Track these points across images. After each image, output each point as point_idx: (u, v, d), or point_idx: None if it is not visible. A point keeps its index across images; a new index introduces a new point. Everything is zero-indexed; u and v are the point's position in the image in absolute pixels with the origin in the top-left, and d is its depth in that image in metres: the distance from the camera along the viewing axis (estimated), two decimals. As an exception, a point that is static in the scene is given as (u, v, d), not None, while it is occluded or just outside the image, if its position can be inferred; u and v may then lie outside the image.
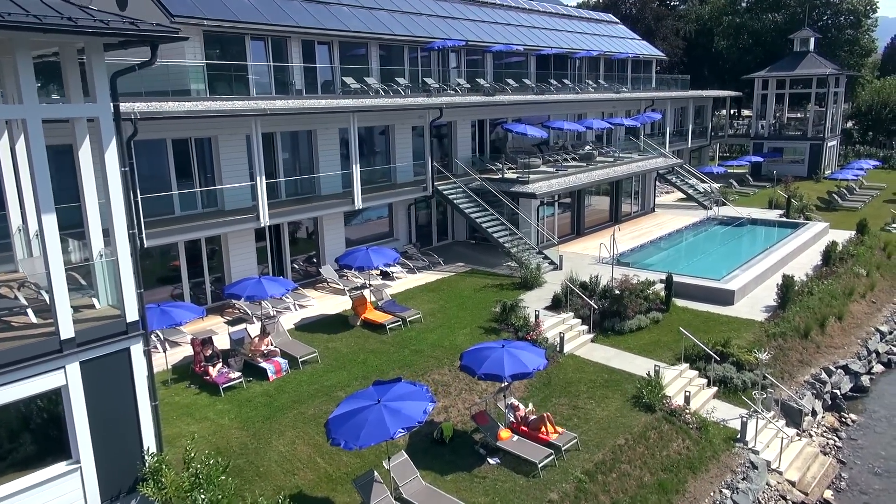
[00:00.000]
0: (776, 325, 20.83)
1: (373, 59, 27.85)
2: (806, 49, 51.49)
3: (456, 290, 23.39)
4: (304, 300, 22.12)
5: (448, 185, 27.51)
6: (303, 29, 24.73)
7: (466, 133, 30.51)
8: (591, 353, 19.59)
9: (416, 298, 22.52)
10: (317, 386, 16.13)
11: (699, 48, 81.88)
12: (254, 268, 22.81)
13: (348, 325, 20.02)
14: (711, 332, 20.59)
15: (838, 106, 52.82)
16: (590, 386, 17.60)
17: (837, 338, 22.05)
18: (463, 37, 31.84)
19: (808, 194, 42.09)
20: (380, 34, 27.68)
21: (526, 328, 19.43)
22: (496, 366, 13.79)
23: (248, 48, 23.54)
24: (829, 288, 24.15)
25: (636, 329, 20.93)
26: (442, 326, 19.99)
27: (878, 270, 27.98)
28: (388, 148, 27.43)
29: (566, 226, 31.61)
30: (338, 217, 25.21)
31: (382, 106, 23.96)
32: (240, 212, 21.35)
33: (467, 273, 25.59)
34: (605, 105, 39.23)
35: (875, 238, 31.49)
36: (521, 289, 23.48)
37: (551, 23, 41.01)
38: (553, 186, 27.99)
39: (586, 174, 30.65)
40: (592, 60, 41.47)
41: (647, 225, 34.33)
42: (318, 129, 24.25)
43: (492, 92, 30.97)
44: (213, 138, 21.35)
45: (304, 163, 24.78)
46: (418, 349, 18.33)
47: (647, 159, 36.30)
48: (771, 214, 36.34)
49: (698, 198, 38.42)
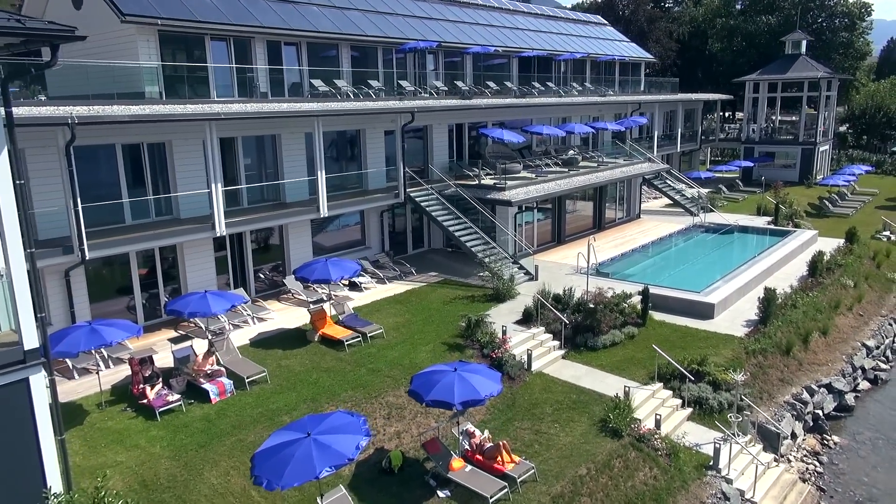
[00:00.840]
0: (756, 342, 19.86)
1: (344, 61, 26.86)
2: (798, 52, 50.58)
3: (425, 303, 22.40)
4: (264, 313, 21.11)
5: (421, 191, 26.53)
6: (267, 29, 23.74)
7: (443, 137, 29.54)
8: (560, 371, 18.61)
9: (381, 311, 21.53)
10: (261, 409, 15.12)
11: (693, 50, 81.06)
12: (213, 279, 21.81)
13: (306, 341, 19.02)
14: (689, 348, 19.63)
15: (830, 109, 51.90)
16: (556, 408, 16.62)
17: (821, 354, 21.09)
18: (440, 38, 30.87)
19: (798, 200, 41.19)
20: (351, 35, 26.70)
21: (491, 345, 18.44)
22: (445, 392, 12.80)
23: (209, 49, 22.53)
24: (813, 301, 23.19)
25: (610, 345, 19.97)
26: (404, 342, 19.00)
27: (866, 281, 27.05)
28: (360, 153, 26.45)
29: (546, 233, 30.64)
30: (304, 225, 24.21)
31: (349, 110, 22.98)
32: (195, 220, 20.35)
33: (439, 284, 24.60)
34: (590, 109, 38.29)
35: (864, 247, 30.57)
36: (493, 301, 22.51)
37: (535, 24, 40.06)
38: (531, 193, 27.03)
39: (567, 180, 29.68)
40: (578, 63, 40.52)
41: (632, 232, 33.37)
42: (282, 134, 23.26)
43: (469, 95, 30.00)
44: (167, 143, 20.35)
45: (269, 168, 23.80)
46: (376, 368, 17.33)
47: (633, 164, 35.35)
48: (759, 221, 35.39)
49: (685, 204, 37.49)
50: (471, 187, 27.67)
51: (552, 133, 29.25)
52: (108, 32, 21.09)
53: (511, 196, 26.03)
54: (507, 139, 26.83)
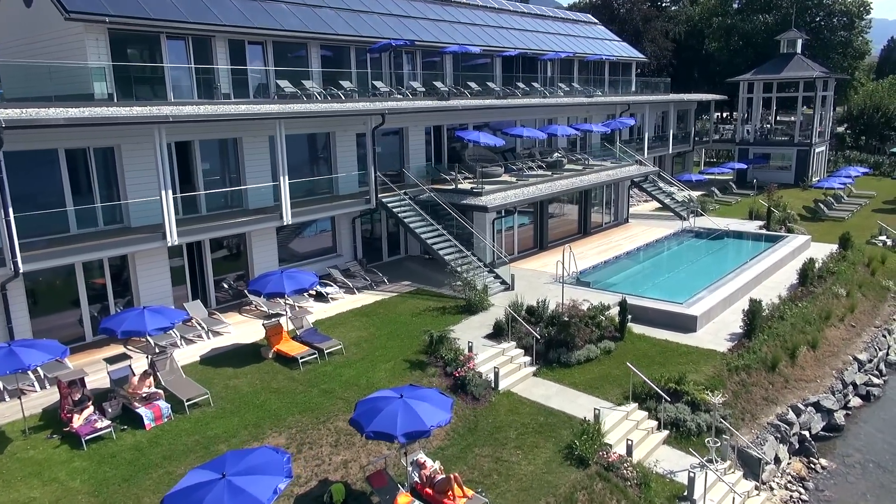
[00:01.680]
0: (739, 357, 18.70)
1: (313, 61, 25.74)
2: (793, 51, 49.38)
3: (392, 315, 21.27)
4: (221, 326, 19.98)
5: (394, 196, 25.40)
6: (229, 27, 22.63)
7: (420, 140, 28.41)
8: (530, 390, 17.47)
9: (345, 325, 20.41)
10: (198, 437, 14.00)
11: (689, 50, 79.93)
12: (168, 290, 20.70)
13: (260, 358, 17.90)
14: (668, 364, 18.48)
15: (827, 110, 50.70)
16: (521, 432, 15.48)
17: (810, 369, 19.93)
18: (418, 37, 29.76)
19: (792, 203, 40.00)
20: (321, 34, 25.58)
21: (455, 363, 17.30)
22: (388, 422, 11.67)
23: (165, 48, 21.43)
24: (802, 312, 22.02)
25: (584, 361, 18.82)
26: (364, 359, 17.87)
27: (859, 290, 25.88)
28: (330, 157, 25.33)
29: (528, 239, 29.49)
30: (268, 232, 23.10)
31: (313, 112, 21.87)
32: (147, 229, 19.25)
33: (411, 294, 23.47)
34: (577, 110, 37.15)
35: (859, 253, 29.38)
36: (465, 313, 21.37)
37: (521, 23, 38.92)
38: (509, 198, 25.89)
39: (549, 184, 28.54)
40: (565, 63, 39.37)
41: (618, 237, 32.21)
42: (243, 137, 22.16)
43: (447, 96, 28.86)
44: (115, 147, 19.25)
45: (232, 173, 22.70)
46: (329, 388, 16.20)
47: (620, 167, 34.21)
48: (750, 226, 34.22)
49: (675, 208, 36.32)
50: (447, 192, 26.54)
51: (532, 135, 28.11)
52: (57, 31, 20.03)
53: (487, 201, 24.90)
54: (482, 142, 25.69)
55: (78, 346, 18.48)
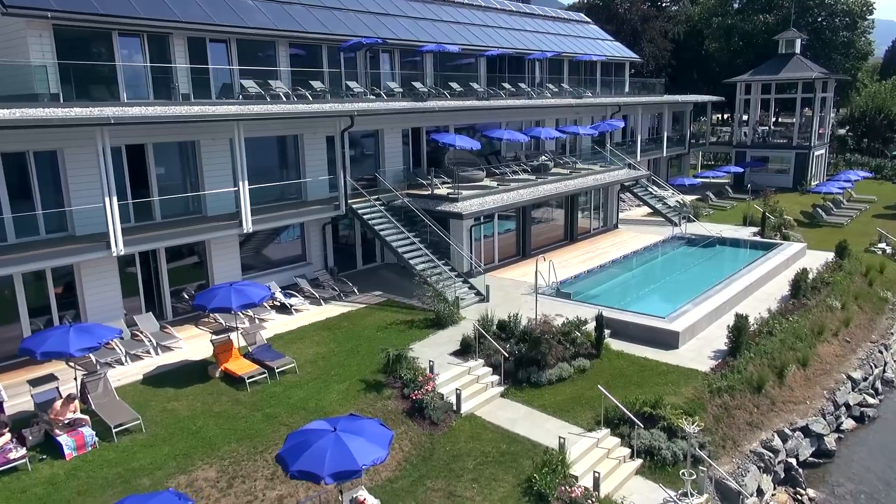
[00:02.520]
0: (723, 378, 17.43)
1: (281, 60, 24.55)
2: (792, 51, 48.03)
3: (357, 329, 20.07)
4: (171, 341, 18.80)
5: (365, 202, 24.20)
6: (188, 24, 21.46)
7: (396, 143, 27.21)
8: (495, 413, 16.25)
9: (305, 339, 19.21)
10: (120, 469, 12.81)
11: (688, 50, 78.60)
12: (118, 302, 19.55)
13: (206, 377, 16.72)
14: (646, 384, 17.24)
15: (827, 112, 49.34)
16: (480, 461, 14.26)
17: (799, 390, 18.65)
18: (395, 35, 28.57)
19: (789, 209, 38.67)
20: (290, 31, 24.39)
21: (414, 384, 16.08)
22: (314, 461, 10.45)
23: (117, 46, 20.27)
24: (793, 326, 20.72)
25: (557, 380, 17.59)
26: (317, 379, 16.66)
27: (855, 301, 24.57)
28: (298, 161, 24.15)
29: (510, 247, 28.25)
30: (230, 240, 21.93)
31: (275, 113, 20.69)
32: (91, 238, 18.08)
33: (381, 306, 22.27)
34: (565, 111, 35.88)
35: (856, 261, 28.05)
36: (434, 327, 20.15)
37: (508, 21, 37.68)
38: (487, 204, 24.66)
39: (530, 189, 27.30)
40: (554, 63, 38.12)
41: (605, 244, 30.94)
42: (201, 140, 20.99)
43: (425, 97, 27.65)
44: (58, 151, 18.10)
45: (192, 178, 21.53)
46: (274, 413, 15.00)
47: (609, 171, 32.95)
48: (744, 232, 32.91)
49: (666, 213, 35.03)
50: (423, 198, 25.35)
51: (513, 138, 26.87)
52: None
53: (463, 208, 23.67)
54: (458, 145, 24.47)
55: (12, 365, 17.26)
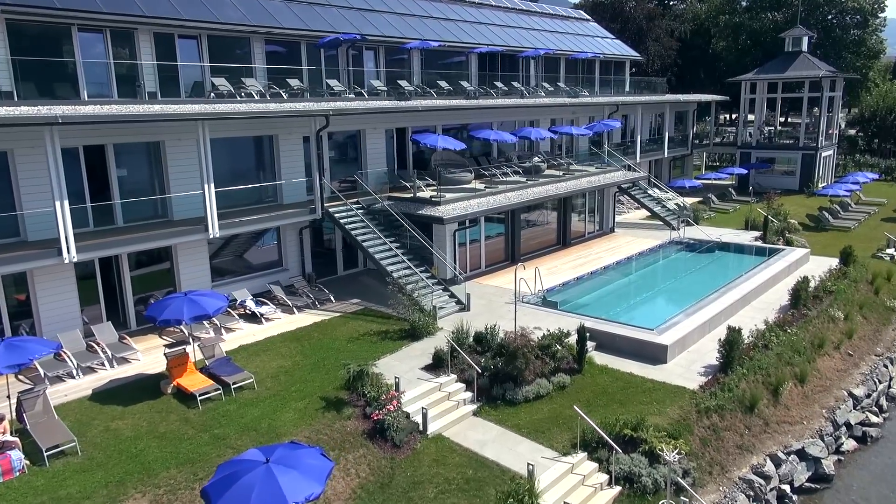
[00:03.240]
0: (712, 396, 16.24)
1: (257, 57, 23.55)
2: (798, 49, 46.58)
3: (327, 340, 19.01)
4: (129, 353, 17.80)
5: (342, 206, 23.15)
6: (155, 20, 20.48)
7: (379, 144, 26.16)
8: (464, 434, 15.14)
9: (270, 351, 18.17)
10: (46, 497, 11.79)
11: (695, 49, 77.18)
12: (75, 311, 18.61)
13: (158, 393, 15.71)
14: (630, 403, 16.09)
15: (835, 111, 47.84)
16: (442, 489, 13.17)
17: (795, 409, 17.41)
18: (380, 32, 27.50)
19: (794, 212, 37.34)
20: (265, 27, 23.38)
21: (377, 402, 15.00)
22: (239, 499, 9.39)
23: (76, 42, 19.31)
24: (791, 339, 19.47)
25: (534, 398, 16.45)
26: (276, 396, 15.60)
27: (860, 311, 23.25)
28: (273, 162, 23.14)
29: (498, 252, 27.12)
30: (198, 245, 20.95)
31: (243, 113, 19.66)
32: (42, 244, 17.14)
33: (356, 314, 21.21)
34: (561, 111, 34.73)
35: (862, 268, 26.68)
36: (408, 339, 19.06)
37: (502, 18, 36.53)
38: (471, 208, 23.53)
39: (519, 192, 26.14)
40: (551, 61, 36.95)
41: (599, 249, 29.72)
42: (166, 141, 20.03)
43: (410, 96, 26.57)
44: (8, 152, 17.18)
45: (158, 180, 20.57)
46: (223, 434, 13.95)
47: (604, 173, 31.72)
48: (745, 237, 31.60)
49: (665, 216, 33.78)
50: (405, 201, 24.29)
51: (500, 139, 25.73)
52: (-49, 22, 17.98)
53: (444, 212, 22.56)
54: (441, 146, 23.37)
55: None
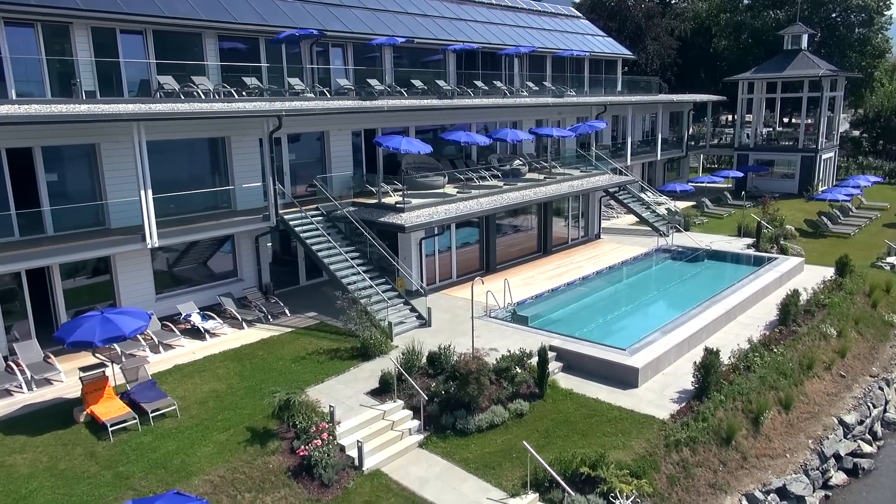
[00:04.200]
0: (683, 427, 14.67)
1: (209, 54, 22.12)
2: (798, 47, 44.88)
3: (271, 359, 17.53)
4: (52, 374, 16.36)
5: (297, 213, 21.68)
6: (92, 13, 19.06)
7: (345, 147, 24.69)
8: (405, 470, 13.65)
9: (206, 373, 16.70)
10: None
11: (695, 48, 75.45)
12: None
13: (71, 421, 14.27)
14: (592, 434, 14.57)
15: (836, 112, 46.11)
16: (368, 538, 11.68)
17: (778, 439, 15.82)
18: (348, 28, 26.04)
19: (793, 217, 35.68)
20: (218, 22, 21.95)
21: (306, 435, 13.50)
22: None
23: (3, 36, 17.90)
24: (777, 360, 17.87)
25: (487, 427, 14.93)
26: (199, 426, 14.13)
27: (855, 327, 21.62)
28: (226, 166, 21.71)
29: (471, 261, 25.61)
30: (140, 255, 19.52)
31: (182, 113, 18.20)
32: (-45, 256, 15.77)
33: (308, 330, 19.73)
34: (544, 111, 33.18)
35: (859, 279, 25.00)
36: (358, 358, 17.56)
37: (485, 14, 35.02)
38: (437, 215, 22.03)
39: (493, 198, 24.62)
40: (536, 59, 35.41)
41: (581, 258, 28.16)
42: (102, 144, 18.60)
43: (376, 96, 25.08)
44: (-83, 157, 15.81)
45: (95, 185, 19.14)
46: (127, 472, 12.48)
47: (589, 176, 30.16)
48: (737, 244, 29.95)
49: (654, 222, 32.19)
50: (369, 207, 22.83)
51: (471, 141, 24.18)
52: None
53: (406, 220, 21.05)
54: (404, 149, 21.83)
55: None
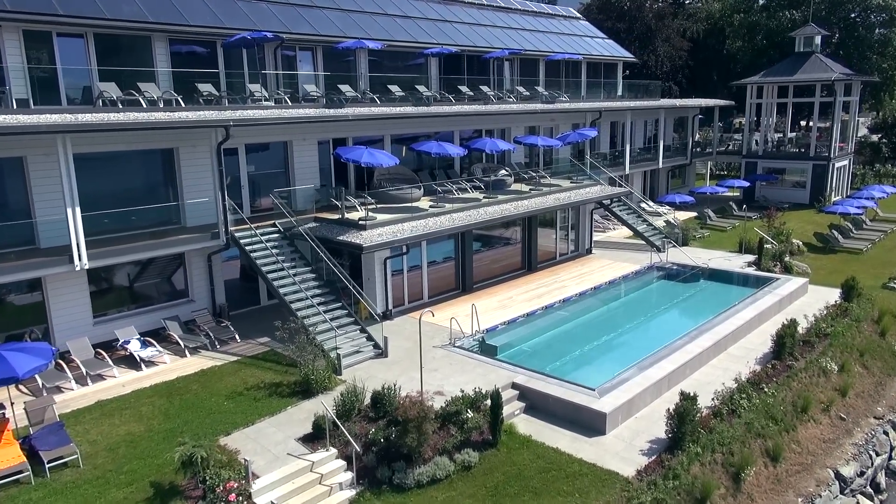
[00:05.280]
0: (650, 488, 12.86)
1: (159, 59, 20.64)
2: (810, 49, 42.59)
3: (203, 395, 15.96)
4: (-41, 412, 14.96)
5: (248, 230, 20.11)
6: (23, 15, 17.62)
7: (310, 157, 23.12)
8: (327, 535, 12.00)
9: (127, 411, 15.17)
10: None
11: (708, 50, 73.12)
12: None
13: (-40, 472, 12.80)
14: (546, 493, 12.83)
15: (852, 117, 43.76)
16: None
17: (762, 499, 13.93)
18: (316, 30, 24.46)
19: (801, 230, 33.61)
20: (169, 25, 20.45)
21: (213, 495, 11.88)
22: None
23: (-82, 41, 16.58)
24: (766, 402, 15.96)
25: (428, 482, 13.22)
26: (99, 479, 12.57)
27: (860, 359, 19.63)
28: (175, 179, 20.21)
29: (445, 280, 23.88)
30: (74, 276, 18.04)
31: (117, 123, 16.68)
32: None
33: (255, 359, 18.15)
34: (537, 118, 31.40)
35: (868, 303, 22.95)
36: (298, 395, 15.93)
37: (472, 15, 33.28)
38: (403, 233, 20.32)
39: (468, 213, 22.85)
40: (528, 63, 33.61)
41: (567, 276, 26.29)
42: (29, 156, 17.16)
43: (342, 103, 23.48)
44: None
45: (22, 202, 17.68)
46: (0, 540, 11.00)
47: (579, 188, 28.27)
48: (738, 261, 27.91)
49: (650, 236, 30.26)
50: (331, 224, 21.22)
51: (443, 152, 22.44)
52: None
53: (367, 238, 19.38)
54: (365, 161, 20.15)
55: None
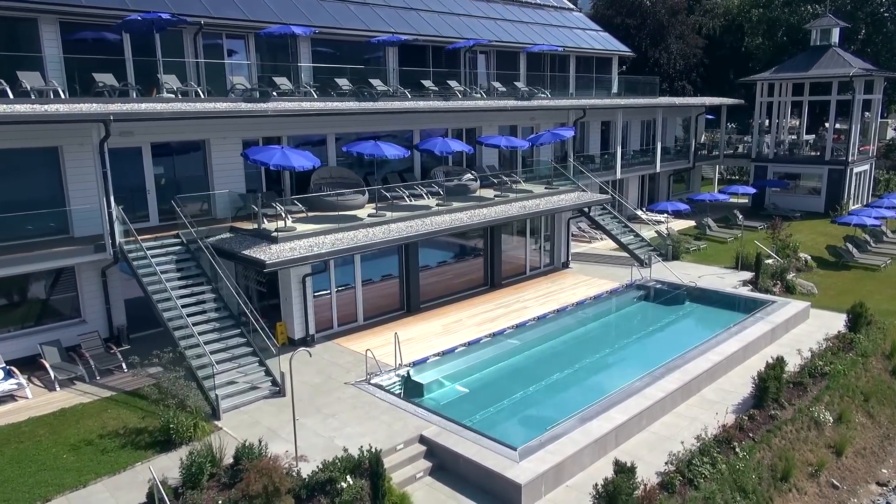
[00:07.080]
0: None
1: (47, 44, 17.99)
2: (827, 42, 38.79)
3: (46, 444, 13.21)
4: None
5: (135, 244, 17.28)
6: None
7: (232, 158, 20.31)
8: None
9: (-56, 466, 12.48)
10: None
11: (725, 47, 69.30)
12: None
13: None
14: None
15: (873, 117, 39.88)
16: None
17: None
18: (246, 15, 21.69)
19: (813, 241, 30.10)
20: (59, 5, 17.84)
21: None
22: None
23: None
24: (734, 468, 12.72)
25: (277, 577, 10.30)
26: None
27: (864, 405, 16.25)
28: (60, 182, 17.55)
29: (387, 299, 20.92)
30: (-75, 297, 15.48)
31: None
32: None
33: (130, 395, 15.36)
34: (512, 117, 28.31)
35: (879, 334, 19.49)
36: (156, 447, 13.08)
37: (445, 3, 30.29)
38: (318, 247, 17.37)
39: (409, 224, 19.87)
40: (507, 56, 30.54)
41: (531, 294, 23.09)
42: None
43: (257, 97, 20.67)
44: None
45: None
46: None
47: (553, 194, 25.08)
48: (732, 279, 24.48)
49: (635, 249, 26.98)
50: (245, 234, 18.40)
51: (377, 153, 19.43)
52: None
53: (272, 254, 16.49)
54: (274, 163, 17.24)
55: None
